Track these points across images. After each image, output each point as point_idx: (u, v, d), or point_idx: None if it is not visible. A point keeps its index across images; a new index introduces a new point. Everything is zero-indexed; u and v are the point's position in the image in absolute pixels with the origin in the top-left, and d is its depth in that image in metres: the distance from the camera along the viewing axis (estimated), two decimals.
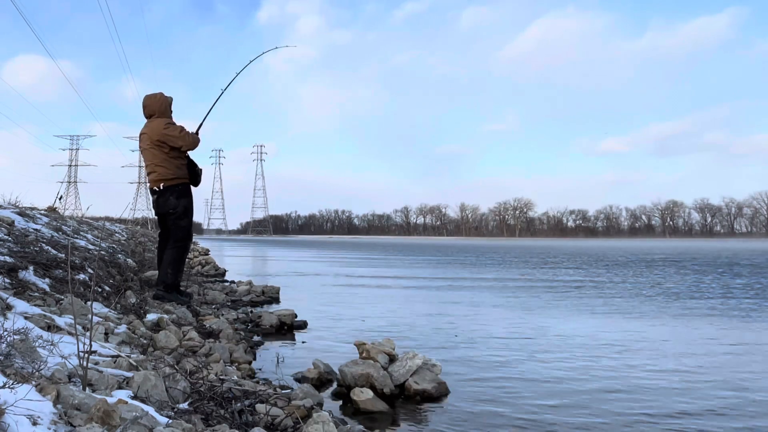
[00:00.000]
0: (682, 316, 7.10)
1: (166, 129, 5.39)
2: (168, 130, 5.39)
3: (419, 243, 73.37)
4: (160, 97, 5.59)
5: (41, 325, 2.80)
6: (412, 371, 3.54)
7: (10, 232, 5.46)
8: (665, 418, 3.13)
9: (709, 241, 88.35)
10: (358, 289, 10.43)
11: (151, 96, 5.60)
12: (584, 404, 3.38)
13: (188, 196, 5.60)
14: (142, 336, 3.54)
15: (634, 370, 4.24)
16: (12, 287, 3.49)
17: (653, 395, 3.57)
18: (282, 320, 5.86)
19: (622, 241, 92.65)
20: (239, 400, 2.58)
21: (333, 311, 7.30)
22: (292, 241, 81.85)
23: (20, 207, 8.67)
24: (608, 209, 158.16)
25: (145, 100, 5.59)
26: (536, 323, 6.43)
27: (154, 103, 5.55)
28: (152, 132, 5.43)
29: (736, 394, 3.63)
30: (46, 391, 1.82)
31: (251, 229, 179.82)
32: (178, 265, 5.50)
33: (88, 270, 5.02)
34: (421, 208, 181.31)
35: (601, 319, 6.79)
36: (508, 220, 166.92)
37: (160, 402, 2.21)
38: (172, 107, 5.67)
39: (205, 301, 6.80)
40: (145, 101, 5.58)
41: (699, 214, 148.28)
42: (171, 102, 5.67)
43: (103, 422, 1.70)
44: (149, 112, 5.56)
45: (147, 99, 5.59)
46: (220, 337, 4.43)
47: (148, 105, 5.56)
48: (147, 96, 5.62)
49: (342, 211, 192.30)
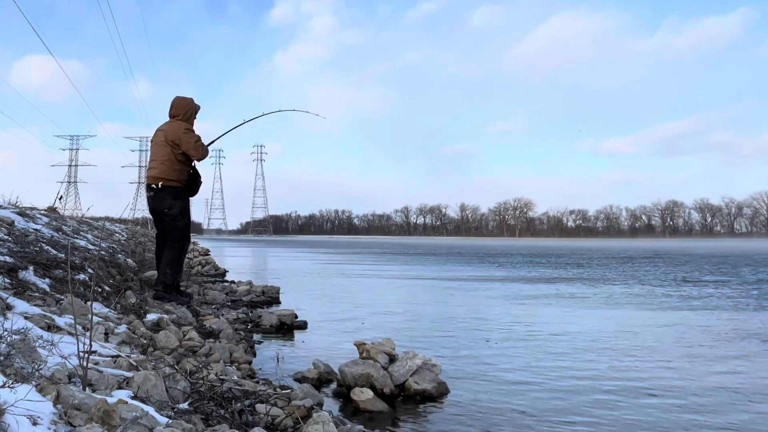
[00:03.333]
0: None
1: (185, 134, 5.45)
2: (186, 135, 5.45)
3: (419, 243, 73.36)
4: (189, 102, 5.68)
5: (41, 325, 2.80)
6: (412, 371, 3.54)
7: (10, 232, 5.46)
8: (665, 418, 3.13)
9: (708, 241, 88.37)
10: (358, 289, 10.43)
11: (181, 98, 5.69)
12: (585, 404, 3.37)
13: (184, 199, 5.63)
14: (142, 336, 3.54)
15: (635, 370, 4.24)
16: (12, 287, 3.49)
17: (653, 396, 3.57)
18: (282, 320, 5.86)
19: (622, 241, 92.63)
20: (239, 400, 2.58)
21: (333, 311, 7.30)
22: (292, 241, 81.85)
23: (20, 207, 8.67)
24: (608, 209, 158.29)
25: (174, 101, 5.67)
26: (536, 323, 6.43)
27: (181, 106, 5.63)
28: (170, 131, 5.48)
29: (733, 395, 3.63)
30: (46, 391, 1.82)
31: (251, 229, 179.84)
32: (176, 265, 5.51)
33: (88, 270, 5.02)
34: (421, 208, 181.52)
35: (602, 317, 6.78)
36: (508, 220, 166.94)
37: (160, 402, 2.21)
38: (197, 116, 5.74)
39: (205, 301, 6.80)
40: (174, 101, 5.67)
41: (699, 214, 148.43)
42: (197, 110, 5.75)
43: (103, 422, 1.70)
44: (174, 112, 5.62)
45: (176, 99, 5.68)
46: (220, 337, 4.43)
47: (175, 105, 5.64)
48: (178, 97, 5.70)
49: (342, 211, 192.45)
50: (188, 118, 5.63)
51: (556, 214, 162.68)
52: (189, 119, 5.63)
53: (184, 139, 5.41)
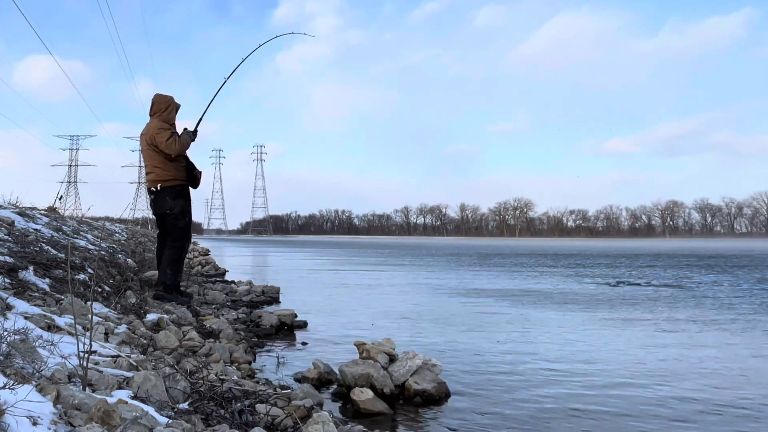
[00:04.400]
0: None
1: (158, 133, 5.37)
2: (159, 134, 5.36)
3: (419, 243, 73.35)
4: (167, 99, 5.63)
5: (41, 325, 2.80)
6: (412, 371, 3.54)
7: (10, 232, 5.46)
8: (663, 421, 3.13)
9: (708, 241, 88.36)
10: (358, 289, 10.43)
11: (160, 95, 5.67)
12: (585, 405, 3.37)
13: (186, 197, 5.60)
14: (142, 336, 3.54)
15: (636, 370, 4.24)
16: (12, 287, 3.49)
17: (654, 397, 3.57)
18: (282, 320, 5.86)
19: (622, 241, 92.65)
20: (239, 400, 2.58)
21: (333, 311, 7.30)
22: (292, 241, 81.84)
23: (20, 207, 8.67)
24: (608, 209, 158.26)
25: (154, 98, 5.66)
26: (536, 323, 6.43)
27: (160, 102, 5.60)
28: (147, 133, 5.47)
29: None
30: (46, 391, 1.82)
31: (251, 229, 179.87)
32: (176, 265, 5.51)
33: (88, 270, 5.02)
34: (422, 208, 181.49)
35: (601, 318, 6.78)
36: (508, 220, 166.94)
37: (160, 402, 2.21)
38: (177, 113, 5.69)
39: (205, 301, 6.80)
40: (154, 98, 5.65)
41: (699, 214, 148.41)
42: (177, 108, 5.69)
43: (103, 422, 1.70)
44: (153, 110, 5.60)
45: (156, 96, 5.66)
46: (220, 337, 4.43)
47: (154, 103, 5.62)
48: (157, 94, 5.69)
49: (342, 211, 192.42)
50: (167, 114, 5.56)
51: (556, 214, 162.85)
52: (169, 115, 5.57)
53: (157, 138, 5.34)
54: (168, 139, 5.34)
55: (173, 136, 5.40)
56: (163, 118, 5.52)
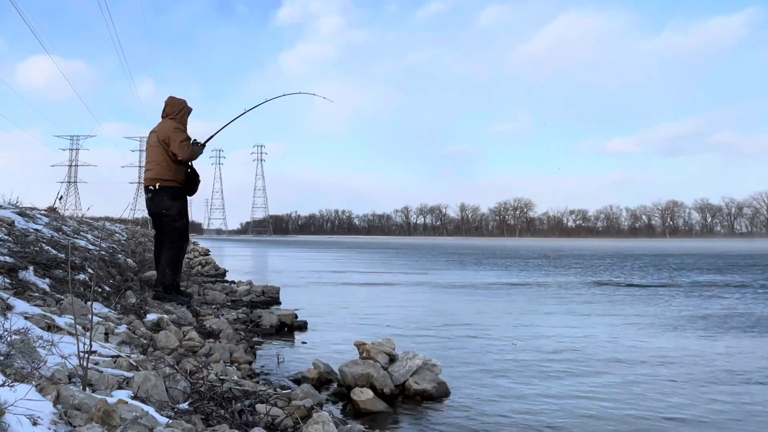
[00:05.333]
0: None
1: (174, 132, 5.45)
2: (175, 133, 5.44)
3: (419, 243, 73.35)
4: (181, 102, 5.71)
5: (41, 325, 2.80)
6: (412, 371, 3.54)
7: (10, 232, 5.46)
8: (664, 420, 3.13)
9: (709, 241, 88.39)
10: (358, 289, 10.43)
11: (174, 98, 5.74)
12: (585, 405, 3.37)
13: (183, 199, 5.62)
14: (142, 336, 3.54)
15: (638, 369, 4.24)
16: (12, 287, 3.49)
17: (656, 396, 3.57)
18: (282, 320, 5.86)
19: (622, 241, 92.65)
20: (239, 400, 2.58)
21: (333, 311, 7.30)
22: (292, 241, 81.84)
23: (20, 207, 8.67)
24: (608, 209, 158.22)
25: (168, 100, 5.71)
26: (536, 323, 6.43)
27: (174, 105, 5.66)
28: (161, 131, 5.50)
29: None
30: (46, 391, 1.82)
31: (251, 229, 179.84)
32: (175, 265, 5.51)
33: (88, 270, 5.02)
34: (422, 208, 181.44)
35: (601, 317, 6.78)
36: (508, 220, 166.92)
37: (160, 402, 2.21)
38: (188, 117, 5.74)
39: (205, 301, 6.80)
40: (168, 101, 5.71)
41: (699, 214, 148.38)
42: (189, 111, 5.76)
43: (103, 422, 1.70)
44: (166, 112, 5.65)
45: (169, 99, 5.72)
46: (220, 337, 4.43)
47: (168, 105, 5.67)
48: (171, 97, 5.74)
49: (342, 211, 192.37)
50: (181, 118, 5.63)
51: (556, 214, 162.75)
52: (182, 119, 5.64)
53: (172, 137, 5.40)
54: (183, 141, 5.44)
55: (188, 140, 5.52)
56: (176, 120, 5.58)
